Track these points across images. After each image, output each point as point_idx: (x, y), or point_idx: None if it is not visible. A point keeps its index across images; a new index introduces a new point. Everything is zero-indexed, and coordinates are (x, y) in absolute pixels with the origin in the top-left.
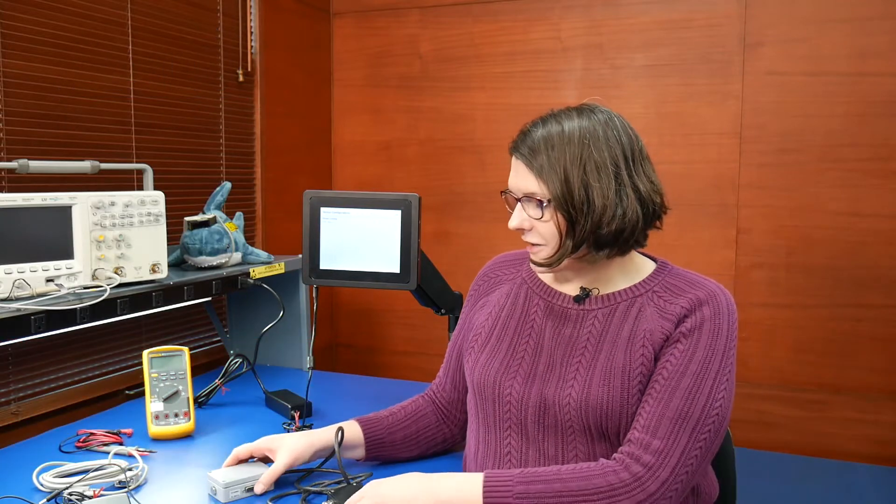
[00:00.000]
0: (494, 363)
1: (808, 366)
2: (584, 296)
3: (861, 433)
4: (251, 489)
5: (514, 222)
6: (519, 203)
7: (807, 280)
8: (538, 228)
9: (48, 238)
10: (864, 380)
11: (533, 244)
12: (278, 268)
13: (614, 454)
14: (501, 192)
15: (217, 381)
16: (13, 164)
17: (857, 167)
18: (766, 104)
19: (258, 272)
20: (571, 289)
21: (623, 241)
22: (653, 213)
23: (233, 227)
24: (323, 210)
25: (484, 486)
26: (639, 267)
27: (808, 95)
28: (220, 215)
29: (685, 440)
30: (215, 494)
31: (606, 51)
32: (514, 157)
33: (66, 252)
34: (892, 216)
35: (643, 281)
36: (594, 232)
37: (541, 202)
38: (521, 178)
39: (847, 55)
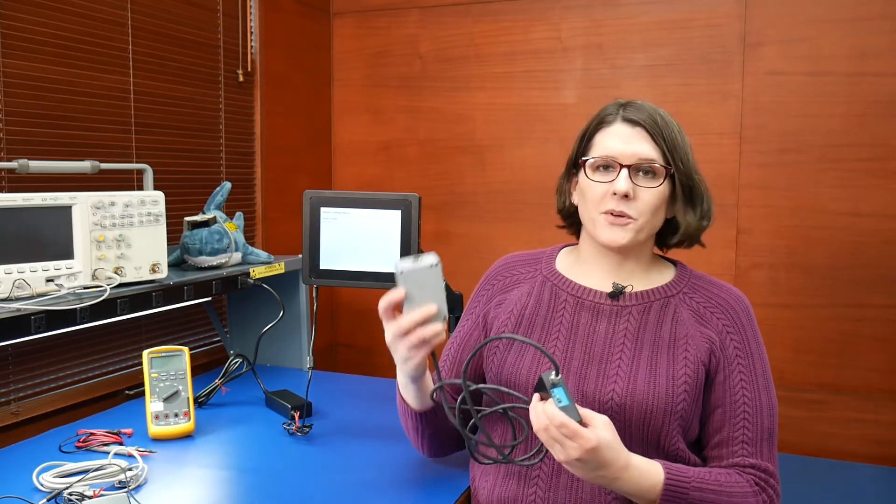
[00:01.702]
0: (525, 360)
1: (808, 366)
2: (619, 291)
3: (861, 433)
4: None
5: (624, 185)
6: (626, 170)
7: (807, 280)
8: (641, 198)
9: (48, 238)
10: (864, 380)
11: (629, 217)
12: (278, 268)
13: (746, 475)
14: (583, 159)
15: (217, 381)
16: (13, 164)
17: (857, 167)
18: (766, 104)
19: (258, 272)
20: (599, 285)
21: (703, 230)
22: None
23: (233, 227)
24: (323, 210)
25: (664, 485)
26: (661, 267)
27: (808, 95)
28: (220, 215)
29: (776, 452)
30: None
31: (606, 51)
32: (622, 124)
33: (66, 252)
34: (892, 216)
35: (672, 281)
36: (701, 217)
37: (667, 169)
38: (639, 143)
39: (847, 55)
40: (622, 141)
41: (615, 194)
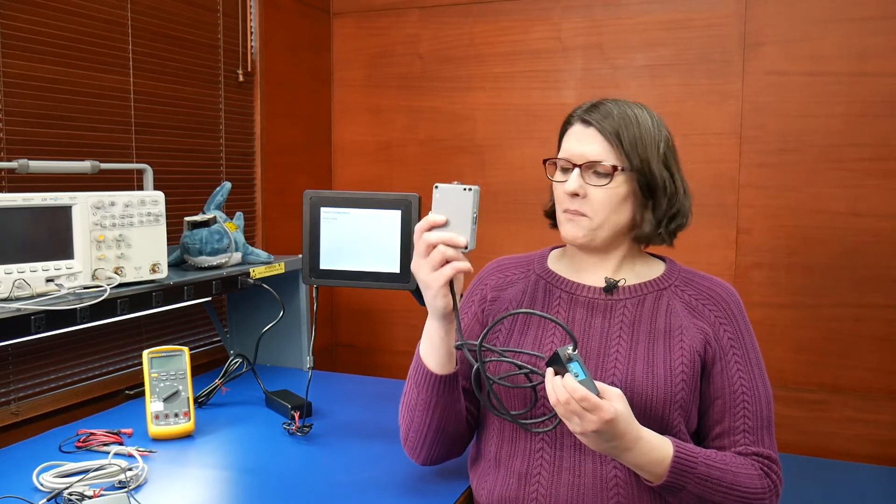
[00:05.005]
0: (522, 357)
1: (808, 366)
2: (612, 285)
3: (861, 433)
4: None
5: (572, 185)
6: (578, 169)
7: (807, 280)
8: (593, 197)
9: (48, 238)
10: (864, 380)
11: (581, 214)
12: (278, 268)
13: (750, 459)
14: (545, 160)
15: (217, 381)
16: (13, 164)
17: (857, 167)
18: (766, 104)
19: (258, 272)
20: (592, 280)
21: (675, 230)
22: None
23: (233, 227)
24: (323, 210)
25: (673, 458)
26: (649, 262)
27: (808, 95)
28: (220, 215)
29: (775, 440)
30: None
31: (606, 51)
32: (577, 126)
33: (66, 252)
34: (892, 216)
35: (663, 276)
36: (671, 216)
37: (615, 168)
38: (590, 144)
39: (847, 55)
40: (577, 141)
41: (567, 193)
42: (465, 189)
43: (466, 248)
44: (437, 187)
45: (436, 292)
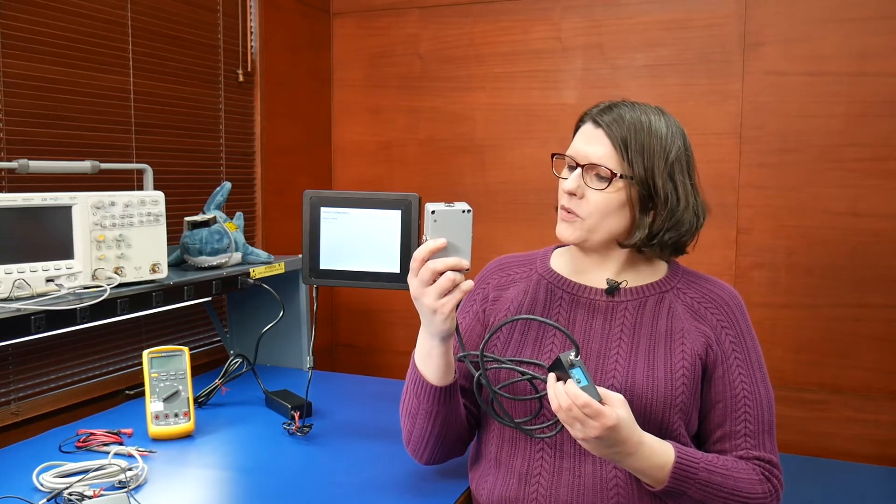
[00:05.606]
0: (524, 356)
1: (808, 366)
2: (614, 287)
3: (861, 433)
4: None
5: (570, 184)
6: (580, 169)
7: (807, 280)
8: (589, 199)
9: (48, 238)
10: (864, 380)
11: (576, 214)
12: (278, 268)
13: (751, 464)
14: (553, 154)
15: (217, 381)
16: (13, 164)
17: (857, 167)
18: (766, 104)
19: (258, 272)
20: (594, 281)
21: (681, 244)
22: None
23: (233, 227)
24: (323, 210)
25: (675, 463)
26: (652, 264)
27: (808, 95)
28: (220, 215)
29: (776, 443)
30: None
31: (606, 51)
32: (588, 125)
33: (66, 252)
34: (892, 216)
35: (665, 278)
36: (668, 228)
37: (613, 174)
38: (596, 146)
39: (847, 55)
40: (584, 141)
41: (565, 192)
42: (463, 211)
43: (468, 269)
44: (432, 211)
45: (445, 317)
